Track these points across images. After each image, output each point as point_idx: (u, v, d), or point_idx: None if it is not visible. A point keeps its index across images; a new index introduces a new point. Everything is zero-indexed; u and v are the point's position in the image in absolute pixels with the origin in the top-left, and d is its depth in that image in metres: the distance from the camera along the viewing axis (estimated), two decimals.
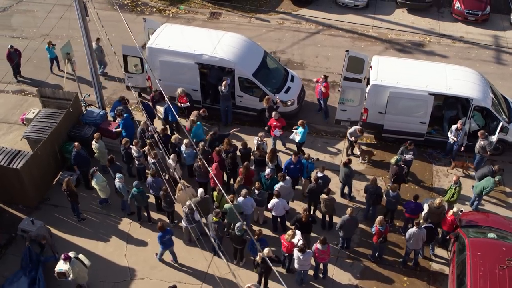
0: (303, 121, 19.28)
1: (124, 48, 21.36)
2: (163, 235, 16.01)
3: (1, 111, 22.47)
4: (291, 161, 17.74)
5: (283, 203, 16.74)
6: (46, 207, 18.64)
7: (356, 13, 27.30)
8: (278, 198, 16.67)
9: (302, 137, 19.17)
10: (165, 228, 16.15)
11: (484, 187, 17.52)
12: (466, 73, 20.05)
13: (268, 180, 17.27)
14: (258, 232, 15.60)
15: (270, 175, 17.23)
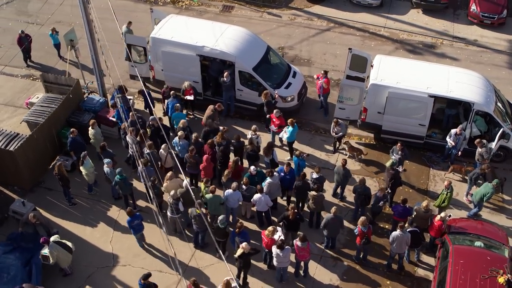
0: (293, 120, 19.07)
1: (128, 37, 21.54)
2: (131, 220, 16.18)
3: (9, 94, 22.91)
4: (283, 170, 17.37)
5: (266, 199, 16.61)
6: (40, 190, 18.93)
7: (369, 11, 26.88)
8: (261, 193, 16.54)
9: (290, 135, 18.97)
10: (134, 213, 16.30)
11: (484, 194, 17.07)
12: (470, 76, 19.54)
13: (255, 177, 17.11)
14: (239, 225, 15.53)
15: (255, 173, 17.06)
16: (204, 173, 17.67)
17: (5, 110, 22.05)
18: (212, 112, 19.54)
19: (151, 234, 17.45)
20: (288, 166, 17.23)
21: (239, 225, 15.49)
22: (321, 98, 21.34)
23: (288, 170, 17.24)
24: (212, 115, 19.52)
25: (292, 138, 19.15)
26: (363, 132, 20.75)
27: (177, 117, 19.63)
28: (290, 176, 17.28)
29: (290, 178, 17.29)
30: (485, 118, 19.55)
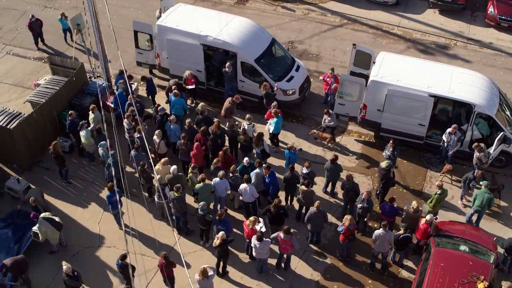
0: (277, 110, 18.92)
1: (135, 24, 21.74)
2: (110, 195, 16.36)
3: (20, 75, 23.40)
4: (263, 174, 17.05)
5: (251, 190, 16.53)
6: (38, 169, 19.30)
7: (384, 9, 26.47)
8: (247, 183, 16.47)
9: (276, 127, 18.86)
10: (113, 189, 16.42)
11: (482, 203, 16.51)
12: (474, 78, 19.05)
13: (248, 168, 16.98)
14: (220, 213, 15.52)
15: (248, 164, 16.98)
16: (194, 160, 17.72)
17: (14, 90, 22.53)
18: (230, 104, 19.55)
19: (140, 219, 17.58)
20: (268, 169, 16.77)
21: (219, 213, 15.48)
22: (329, 96, 21.02)
23: (268, 173, 16.77)
24: (230, 108, 19.54)
25: (278, 129, 19.01)
26: (363, 130, 20.46)
27: (176, 103, 19.71)
28: (270, 179, 16.79)
29: (269, 181, 16.81)
30: (488, 122, 19.04)
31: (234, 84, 20.95)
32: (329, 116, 19.14)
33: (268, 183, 16.72)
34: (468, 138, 18.79)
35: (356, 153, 19.71)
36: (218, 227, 15.28)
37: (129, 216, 17.30)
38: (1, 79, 23.12)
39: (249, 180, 16.57)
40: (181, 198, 16.15)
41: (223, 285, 15.91)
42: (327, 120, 19.21)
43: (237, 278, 16.05)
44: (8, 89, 22.63)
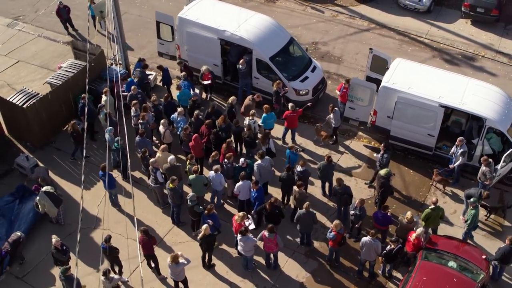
0: (267, 106, 18.99)
1: (158, 14, 22.10)
2: (102, 175, 16.82)
3: (47, 57, 24.19)
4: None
5: (248, 185, 16.52)
6: (50, 149, 19.92)
7: (415, 16, 25.93)
8: (243, 180, 16.50)
9: (264, 122, 18.90)
10: (105, 170, 16.78)
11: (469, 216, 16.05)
12: (490, 91, 18.44)
13: (246, 169, 16.80)
14: (210, 207, 15.61)
15: (245, 165, 16.88)
16: (193, 152, 17.89)
17: (40, 71, 23.31)
18: (250, 102, 19.64)
19: (138, 205, 17.91)
20: (256, 184, 16.36)
21: (209, 207, 15.57)
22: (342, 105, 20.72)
23: (256, 187, 16.30)
24: (250, 105, 19.62)
25: (268, 125, 18.95)
26: (374, 136, 20.11)
27: (183, 95, 19.93)
28: (257, 194, 16.34)
29: (256, 196, 16.38)
30: (502, 138, 18.38)
31: (248, 81, 20.99)
32: (333, 114, 18.94)
33: (254, 198, 16.36)
34: (478, 153, 18.21)
35: (363, 159, 19.44)
36: (206, 221, 15.36)
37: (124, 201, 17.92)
38: (29, 60, 23.97)
39: (245, 176, 16.60)
40: (175, 190, 16.33)
41: (208, 278, 16.03)
42: (330, 117, 19.01)
43: (223, 272, 16.12)
44: (34, 70, 23.43)
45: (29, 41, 25.06)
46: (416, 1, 25.75)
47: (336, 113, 19.05)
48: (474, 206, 15.86)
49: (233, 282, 15.87)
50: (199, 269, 16.12)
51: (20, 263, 16.38)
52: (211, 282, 15.90)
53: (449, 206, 17.84)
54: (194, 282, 15.77)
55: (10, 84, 22.54)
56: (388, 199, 17.76)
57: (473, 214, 15.73)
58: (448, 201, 18.01)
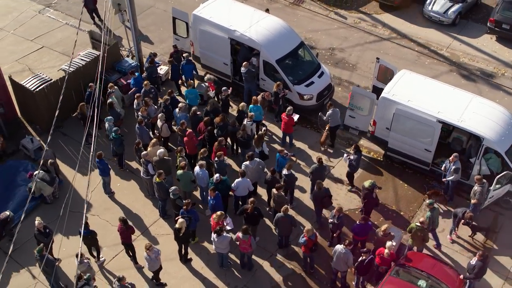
0: (255, 98, 19.32)
1: (174, 10, 22.55)
2: (98, 162, 17.51)
3: (70, 45, 24.75)
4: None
5: (247, 183, 16.70)
6: (56, 133, 20.56)
7: (438, 29, 25.37)
8: (243, 177, 16.67)
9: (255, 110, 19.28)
10: (102, 157, 17.33)
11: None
12: (493, 110, 17.91)
13: (218, 184, 16.65)
14: (187, 202, 15.87)
15: (219, 181, 16.64)
16: (187, 148, 18.22)
17: (60, 58, 24.16)
18: (262, 99, 19.87)
19: (129, 194, 18.45)
20: (213, 191, 16.19)
21: (186, 203, 15.84)
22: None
23: (213, 195, 16.20)
24: (264, 104, 19.88)
25: (255, 117, 19.17)
26: (375, 146, 19.92)
27: (190, 93, 20.29)
28: (215, 202, 16.25)
29: (214, 204, 16.30)
30: (502, 159, 17.81)
31: (252, 86, 21.04)
32: (331, 111, 19.05)
33: (212, 205, 16.30)
34: (475, 172, 17.74)
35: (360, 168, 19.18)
36: (183, 216, 15.65)
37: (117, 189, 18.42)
38: (53, 46, 24.89)
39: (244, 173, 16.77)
40: (161, 184, 16.69)
41: (183, 271, 16.33)
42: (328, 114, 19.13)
43: (198, 267, 16.39)
44: (56, 56, 24.32)
45: (56, 28, 26.00)
46: (441, 13, 25.20)
47: (334, 112, 18.99)
48: (431, 209, 15.84)
49: (207, 278, 16.11)
50: (176, 262, 16.45)
51: (9, 239, 17.11)
52: (185, 276, 16.19)
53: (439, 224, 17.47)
54: (169, 274, 16.13)
55: (31, 69, 23.48)
56: (376, 211, 17.63)
57: (428, 216, 15.78)
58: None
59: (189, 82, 20.37)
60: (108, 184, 18.30)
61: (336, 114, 19.23)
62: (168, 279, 16.04)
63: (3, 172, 18.72)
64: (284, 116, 19.09)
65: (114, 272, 16.28)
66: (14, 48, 24.71)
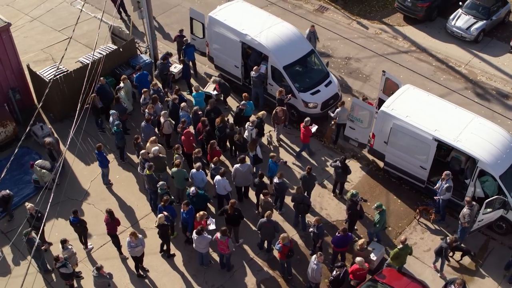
0: (246, 95, 19.95)
1: (192, 11, 23.05)
2: (97, 154, 18.11)
3: (94, 38, 25.42)
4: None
5: (224, 183, 17.04)
6: (68, 122, 21.44)
7: (460, 45, 24.94)
8: (222, 177, 17.02)
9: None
10: (101, 149, 18.02)
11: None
12: (493, 132, 17.53)
13: (194, 198, 16.70)
14: (165, 198, 16.30)
15: (194, 194, 16.62)
16: (184, 146, 18.65)
17: (83, 50, 25.03)
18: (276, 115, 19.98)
19: (126, 187, 19.04)
20: (187, 205, 16.21)
21: (165, 199, 16.27)
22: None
23: (186, 209, 16.16)
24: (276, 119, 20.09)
25: (246, 113, 19.79)
26: (374, 159, 19.80)
27: (197, 96, 20.67)
28: (188, 215, 16.24)
29: (187, 217, 16.28)
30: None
31: (259, 90, 21.27)
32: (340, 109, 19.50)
33: (185, 219, 16.34)
34: (470, 194, 17.46)
35: (354, 180, 19.23)
36: (162, 212, 16.10)
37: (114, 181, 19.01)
38: (78, 38, 25.79)
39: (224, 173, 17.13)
40: (151, 177, 17.18)
41: (164, 266, 16.78)
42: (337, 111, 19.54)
43: (179, 264, 16.80)
44: (79, 48, 25.21)
45: (84, 21, 26.87)
46: (463, 29, 24.77)
47: (343, 110, 19.33)
48: (380, 211, 16.13)
49: (186, 274, 16.50)
50: (159, 256, 16.92)
51: (8, 220, 18.00)
52: (165, 270, 16.63)
53: (425, 243, 17.35)
54: (150, 267, 16.64)
55: (54, 58, 24.45)
56: (363, 223, 17.65)
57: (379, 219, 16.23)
58: (425, 238, 17.50)
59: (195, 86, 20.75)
60: (106, 175, 18.93)
61: (344, 112, 19.50)
62: (149, 272, 16.51)
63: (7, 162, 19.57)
64: (302, 126, 19.14)
65: (100, 260, 16.85)
66: (42, 37, 25.78)
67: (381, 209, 16.16)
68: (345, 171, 17.73)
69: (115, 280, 16.19)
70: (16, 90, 21.05)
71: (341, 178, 18.05)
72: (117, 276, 16.38)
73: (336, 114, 19.66)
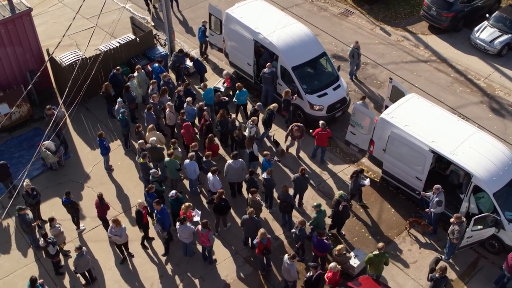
0: (239, 84, 20.67)
1: (210, 7, 23.39)
2: (100, 142, 18.69)
3: (119, 28, 26.09)
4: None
5: (214, 180, 17.29)
6: (81, 107, 22.07)
7: (482, 57, 24.34)
8: (213, 174, 17.27)
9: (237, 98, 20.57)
10: (103, 137, 18.58)
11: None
12: (492, 148, 17.07)
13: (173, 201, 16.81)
14: (150, 186, 16.71)
15: (175, 197, 16.71)
16: (184, 139, 19.01)
17: (107, 39, 25.55)
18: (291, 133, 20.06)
19: (126, 173, 19.53)
20: (158, 204, 16.13)
21: (149, 186, 16.65)
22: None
23: (159, 208, 16.13)
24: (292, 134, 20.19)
25: (241, 101, 20.66)
26: (374, 167, 19.60)
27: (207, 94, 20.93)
28: (162, 215, 16.24)
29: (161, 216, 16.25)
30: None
31: (270, 88, 21.41)
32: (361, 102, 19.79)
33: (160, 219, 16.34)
34: (464, 209, 17.11)
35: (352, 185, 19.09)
36: (146, 199, 16.49)
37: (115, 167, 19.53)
38: (104, 27, 26.35)
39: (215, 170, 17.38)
40: (144, 165, 17.61)
41: (149, 252, 17.16)
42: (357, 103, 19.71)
43: (161, 252, 17.10)
44: (103, 36, 25.59)
45: (112, 10, 27.64)
46: (486, 42, 24.17)
47: (364, 104, 19.54)
48: (318, 211, 16.15)
49: (169, 263, 16.83)
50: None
51: (8, 196, 18.73)
52: (149, 257, 17.01)
53: (412, 254, 17.10)
54: (135, 253, 17.05)
55: (78, 45, 25.26)
56: (352, 229, 17.57)
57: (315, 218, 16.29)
58: (413, 250, 17.24)
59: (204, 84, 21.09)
60: (107, 161, 19.47)
61: (365, 106, 19.67)
62: (134, 258, 16.92)
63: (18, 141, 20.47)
64: (319, 132, 19.04)
65: (90, 241, 17.42)
66: (69, 23, 26.59)
67: (319, 209, 16.15)
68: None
69: (100, 262, 16.73)
70: (34, 72, 21.85)
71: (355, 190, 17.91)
72: (103, 259, 16.92)
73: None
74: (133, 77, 21.24)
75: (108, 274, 16.60)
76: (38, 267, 16.75)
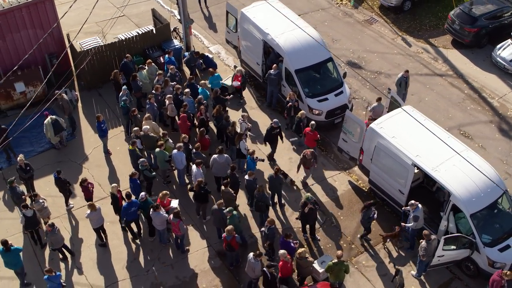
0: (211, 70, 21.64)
1: (228, 5, 23.86)
2: (98, 124, 19.48)
3: (145, 19, 27.24)
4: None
5: (197, 173, 17.74)
6: (94, 92, 23.16)
7: (501, 76, 23.64)
8: (196, 166, 17.74)
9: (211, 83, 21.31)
10: (101, 120, 19.33)
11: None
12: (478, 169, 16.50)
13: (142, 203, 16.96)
14: (133, 172, 17.44)
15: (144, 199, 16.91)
16: (181, 130, 19.59)
17: (132, 28, 26.41)
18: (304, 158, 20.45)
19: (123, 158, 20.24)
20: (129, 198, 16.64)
21: (132, 172, 17.33)
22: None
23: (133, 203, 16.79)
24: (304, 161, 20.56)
25: (215, 85, 21.17)
26: (364, 176, 19.51)
27: (214, 79, 21.50)
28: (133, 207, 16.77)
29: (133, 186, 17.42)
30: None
31: (274, 89, 21.67)
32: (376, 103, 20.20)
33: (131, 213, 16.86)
34: (442, 228, 16.84)
35: (338, 192, 19.14)
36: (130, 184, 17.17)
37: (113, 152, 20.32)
38: (131, 17, 27.55)
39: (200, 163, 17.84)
40: (133, 152, 18.30)
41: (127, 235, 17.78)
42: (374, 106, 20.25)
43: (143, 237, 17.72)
44: (129, 26, 26.79)
45: (143, 1, 28.63)
46: (507, 60, 23.46)
47: (379, 106, 19.84)
48: (230, 216, 16.24)
49: (144, 248, 17.44)
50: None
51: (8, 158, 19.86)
52: (126, 240, 17.67)
53: (383, 267, 16.99)
54: (115, 235, 17.81)
55: (104, 32, 26.25)
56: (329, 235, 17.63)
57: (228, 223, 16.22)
58: (386, 263, 17.10)
59: (210, 70, 21.61)
60: (105, 144, 20.28)
61: (380, 108, 19.97)
62: (112, 238, 17.66)
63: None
64: (307, 131, 19.16)
65: (76, 219, 18.27)
66: (100, 11, 27.55)
67: (231, 214, 16.23)
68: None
69: (82, 239, 17.57)
70: (54, 55, 22.96)
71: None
72: (85, 237, 17.76)
73: (372, 108, 20.14)
74: (144, 68, 21.93)
75: (86, 251, 17.39)
76: (23, 238, 17.72)
